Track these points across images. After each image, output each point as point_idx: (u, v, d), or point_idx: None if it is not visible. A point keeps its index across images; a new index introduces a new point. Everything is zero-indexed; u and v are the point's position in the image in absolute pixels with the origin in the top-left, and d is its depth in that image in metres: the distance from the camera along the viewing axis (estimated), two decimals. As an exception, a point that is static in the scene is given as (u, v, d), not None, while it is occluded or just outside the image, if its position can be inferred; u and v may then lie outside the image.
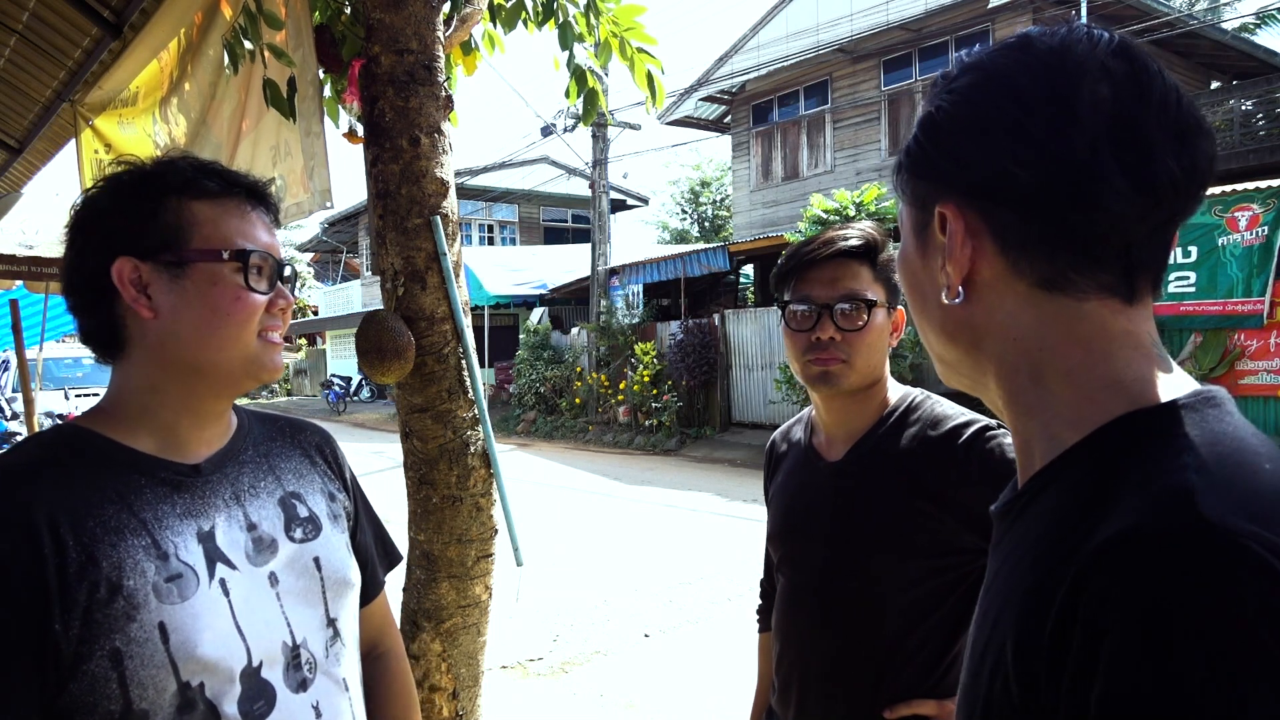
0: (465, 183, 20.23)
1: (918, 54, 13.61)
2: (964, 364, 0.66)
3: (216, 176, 0.95)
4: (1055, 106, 0.55)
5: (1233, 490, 0.47)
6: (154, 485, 0.89)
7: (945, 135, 0.61)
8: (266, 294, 0.95)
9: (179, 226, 0.91)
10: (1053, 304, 0.58)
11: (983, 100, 0.59)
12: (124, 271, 0.89)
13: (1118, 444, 0.54)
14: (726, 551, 6.45)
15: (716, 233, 29.21)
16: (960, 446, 1.24)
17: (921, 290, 0.67)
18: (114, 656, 0.80)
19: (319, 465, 1.11)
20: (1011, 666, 0.52)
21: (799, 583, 1.37)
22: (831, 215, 9.53)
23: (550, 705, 3.92)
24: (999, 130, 0.57)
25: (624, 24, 2.67)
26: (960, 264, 0.61)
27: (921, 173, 0.64)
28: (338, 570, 1.02)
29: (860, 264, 1.31)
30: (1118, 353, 0.57)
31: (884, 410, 1.34)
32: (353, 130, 2.42)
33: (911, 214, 0.67)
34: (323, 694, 0.96)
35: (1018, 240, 0.58)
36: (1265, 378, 7.57)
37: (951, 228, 0.60)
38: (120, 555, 0.83)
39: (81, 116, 3.44)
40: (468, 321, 2.21)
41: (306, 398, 27.45)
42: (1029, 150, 0.56)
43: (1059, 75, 0.56)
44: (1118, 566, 0.46)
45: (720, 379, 13.08)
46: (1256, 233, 7.43)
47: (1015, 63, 0.58)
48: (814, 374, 1.31)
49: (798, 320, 1.32)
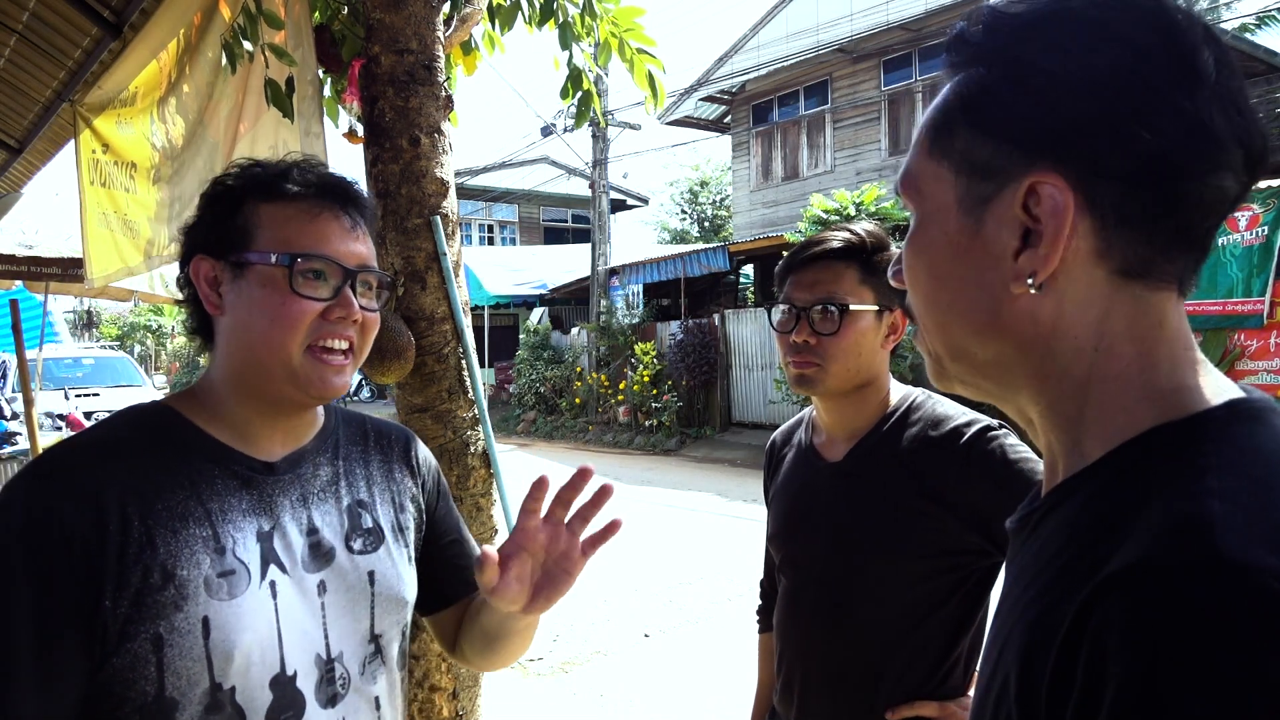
0: (465, 183, 20.23)
1: (918, 54, 13.60)
2: (997, 366, 0.58)
3: (295, 178, 0.95)
4: (1179, 64, 0.49)
5: (1260, 520, 0.42)
6: (225, 477, 0.90)
7: (1046, 88, 0.51)
8: (322, 301, 0.91)
9: (248, 228, 0.92)
10: (1125, 293, 0.52)
11: (1092, 51, 0.50)
12: (200, 269, 0.93)
13: (1139, 462, 0.49)
14: (726, 551, 6.45)
15: (716, 233, 29.20)
16: (962, 447, 1.23)
17: (960, 277, 0.57)
18: (155, 641, 0.81)
19: (398, 472, 1.09)
20: (1014, 704, 0.48)
21: (800, 583, 1.37)
22: (831, 215, 9.53)
23: (550, 705, 3.91)
24: (1120, 87, 0.49)
25: (623, 25, 2.67)
26: (1061, 246, 0.51)
27: (1005, 132, 0.53)
28: (392, 586, 1.00)
29: (845, 266, 1.30)
30: (1166, 355, 0.53)
31: (885, 410, 1.34)
32: (353, 130, 2.42)
33: (961, 184, 0.56)
34: (350, 711, 0.94)
35: (1121, 216, 0.51)
36: (1265, 378, 7.57)
37: (1056, 202, 0.51)
38: (179, 544, 0.84)
39: (81, 117, 3.44)
40: (468, 321, 2.21)
41: (306, 398, 27.42)
42: (1156, 110, 0.48)
43: (1177, 32, 0.49)
44: (1123, 605, 0.42)
45: (720, 379, 13.08)
46: (1256, 233, 7.43)
47: (1121, 14, 0.50)
48: (793, 376, 1.32)
49: (780, 323, 1.33)
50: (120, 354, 15.53)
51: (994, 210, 0.54)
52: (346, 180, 0.98)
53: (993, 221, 0.54)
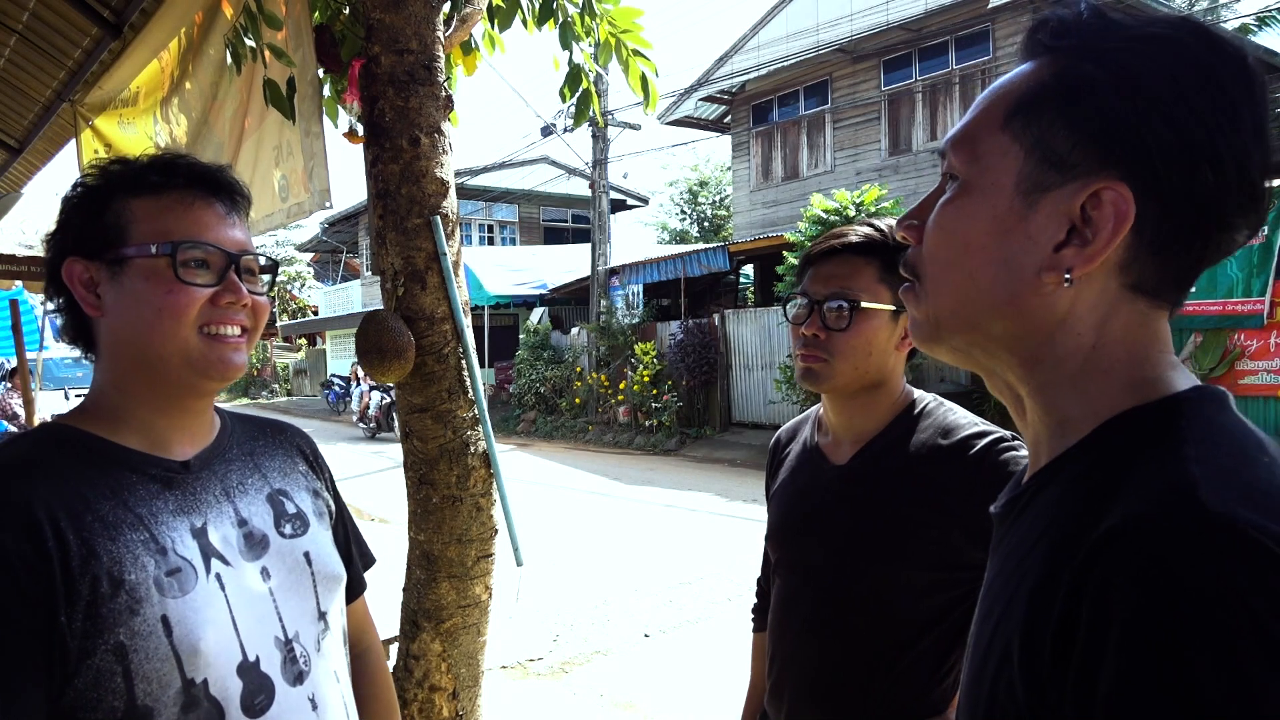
0: (465, 183, 20.22)
1: (918, 54, 13.60)
2: (999, 341, 0.61)
3: (161, 170, 0.94)
4: (1255, 127, 0.53)
5: (1233, 481, 0.48)
6: (145, 482, 0.89)
7: (1148, 107, 0.53)
8: (209, 287, 0.91)
9: (120, 224, 0.90)
10: (1132, 306, 0.57)
11: (1197, 90, 0.53)
12: (73, 271, 0.90)
13: (1121, 438, 0.55)
14: (726, 551, 6.45)
15: (716, 233, 29.20)
16: (972, 458, 1.19)
17: (992, 252, 0.59)
18: (118, 651, 0.80)
19: (302, 464, 1.12)
20: (1017, 665, 0.51)
21: (795, 584, 1.34)
22: (831, 215, 9.53)
23: (550, 705, 3.91)
24: (1210, 129, 0.52)
25: (621, 25, 2.67)
26: (1108, 250, 0.55)
27: (1096, 133, 0.55)
28: (326, 565, 1.04)
29: (865, 262, 1.26)
30: (1151, 357, 0.57)
31: (894, 414, 1.30)
32: (353, 130, 2.42)
33: (1028, 167, 0.57)
34: (318, 686, 0.97)
35: (1157, 239, 0.55)
36: (1265, 378, 7.57)
37: (1120, 210, 0.54)
38: (120, 550, 0.83)
39: (81, 116, 3.44)
40: (468, 321, 2.21)
41: (306, 398, 27.43)
42: (1227, 159, 0.52)
43: (1260, 99, 0.53)
44: (1121, 556, 0.47)
45: (720, 379, 13.08)
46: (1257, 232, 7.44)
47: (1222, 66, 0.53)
48: (799, 369, 1.30)
49: (795, 314, 1.30)
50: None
51: (1050, 200, 0.56)
52: (215, 168, 0.97)
53: (1045, 210, 0.57)
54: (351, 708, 1.05)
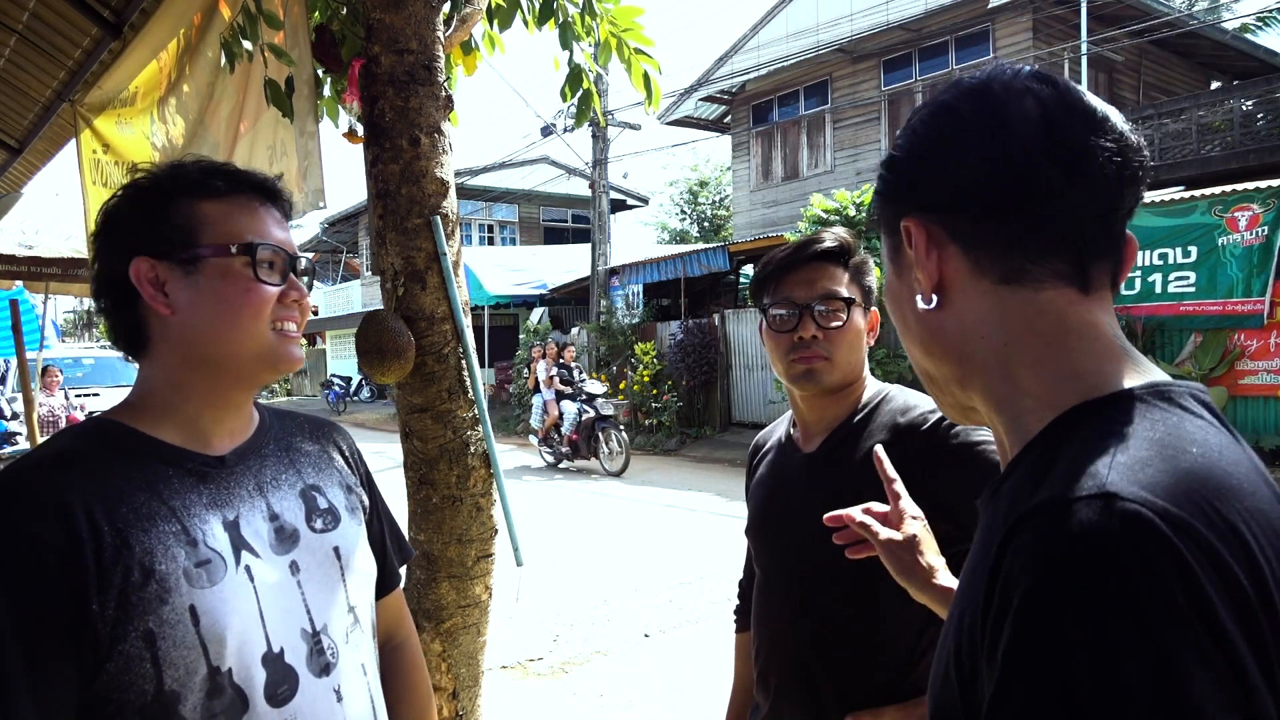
0: (465, 183, 20.22)
1: (918, 54, 13.61)
2: (949, 379, 0.70)
3: (224, 176, 0.99)
4: (989, 123, 0.63)
5: (1147, 468, 0.51)
6: (181, 475, 0.93)
7: (903, 164, 0.70)
8: (278, 286, 0.97)
9: (190, 225, 0.95)
10: (1014, 298, 0.64)
11: (931, 129, 0.68)
12: (141, 271, 0.93)
13: (1062, 432, 0.59)
14: (726, 551, 6.44)
15: (716, 233, 29.20)
16: (926, 431, 1.27)
17: (902, 310, 0.72)
18: (147, 637, 0.83)
19: (337, 460, 1.14)
20: (965, 640, 0.56)
21: (774, 572, 1.39)
22: (831, 215, 9.53)
23: (550, 705, 3.92)
24: (946, 150, 0.66)
25: (622, 24, 2.67)
26: (928, 269, 0.67)
27: (889, 198, 0.71)
28: (356, 559, 1.06)
29: (835, 266, 1.35)
30: (1075, 344, 0.62)
31: (859, 402, 1.38)
32: (353, 130, 2.42)
33: (888, 242, 0.73)
34: (344, 678, 0.99)
35: (975, 240, 0.65)
36: (1265, 378, 7.57)
37: (915, 239, 0.67)
38: (152, 541, 0.86)
39: (81, 117, 3.44)
40: (468, 321, 2.21)
41: (306, 398, 27.43)
42: (973, 161, 0.64)
43: (988, 99, 0.64)
44: (1029, 532, 0.51)
45: (720, 379, 13.08)
46: (1256, 233, 7.43)
47: (953, 97, 0.67)
48: (798, 372, 1.34)
49: (779, 322, 1.36)
50: (120, 354, 15.50)
51: (901, 256, 0.71)
52: (265, 176, 1.03)
53: (904, 263, 0.70)
54: (379, 700, 1.07)
